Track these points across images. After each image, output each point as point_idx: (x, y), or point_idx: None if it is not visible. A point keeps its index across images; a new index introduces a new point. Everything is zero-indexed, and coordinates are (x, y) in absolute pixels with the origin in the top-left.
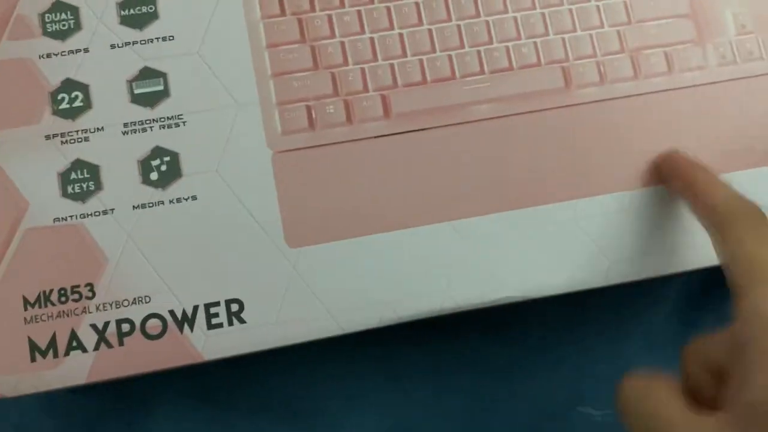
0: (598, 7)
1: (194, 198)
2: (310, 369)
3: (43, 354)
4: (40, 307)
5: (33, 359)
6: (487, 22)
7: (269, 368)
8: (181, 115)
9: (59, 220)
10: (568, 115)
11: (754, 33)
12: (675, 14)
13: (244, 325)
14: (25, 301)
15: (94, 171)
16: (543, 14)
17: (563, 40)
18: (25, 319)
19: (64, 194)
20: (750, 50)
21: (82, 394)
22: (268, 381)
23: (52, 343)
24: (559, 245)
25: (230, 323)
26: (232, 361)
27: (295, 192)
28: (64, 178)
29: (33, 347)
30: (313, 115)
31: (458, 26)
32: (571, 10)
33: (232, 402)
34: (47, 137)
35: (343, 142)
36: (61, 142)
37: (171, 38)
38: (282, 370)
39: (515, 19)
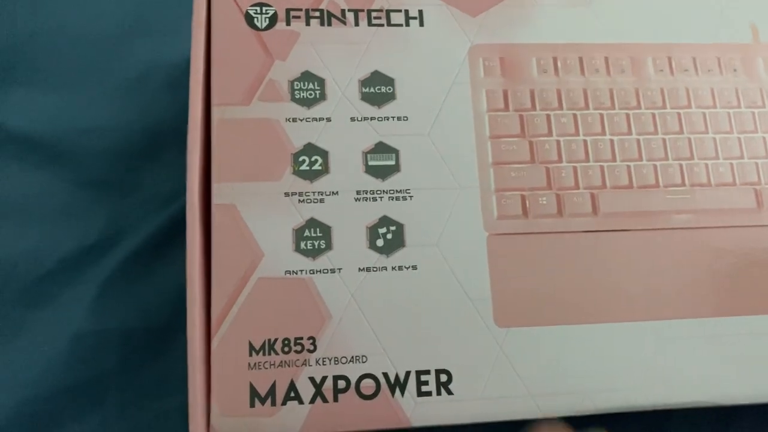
0: None
1: (414, 268)
2: None
3: (262, 401)
4: (264, 354)
5: (252, 404)
6: (689, 139)
7: None
8: (408, 189)
9: (290, 273)
10: (759, 234)
11: None
12: None
13: (451, 396)
14: (251, 347)
15: (326, 231)
16: (739, 138)
17: (756, 164)
18: (249, 364)
19: (297, 249)
20: None
21: None
22: None
23: (272, 391)
24: (751, 356)
25: (438, 393)
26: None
27: (506, 274)
28: (298, 235)
29: (253, 393)
30: (527, 205)
31: (663, 140)
32: (764, 138)
33: None
34: (286, 194)
35: (552, 232)
36: (299, 200)
37: (405, 119)
38: None
39: (714, 140)
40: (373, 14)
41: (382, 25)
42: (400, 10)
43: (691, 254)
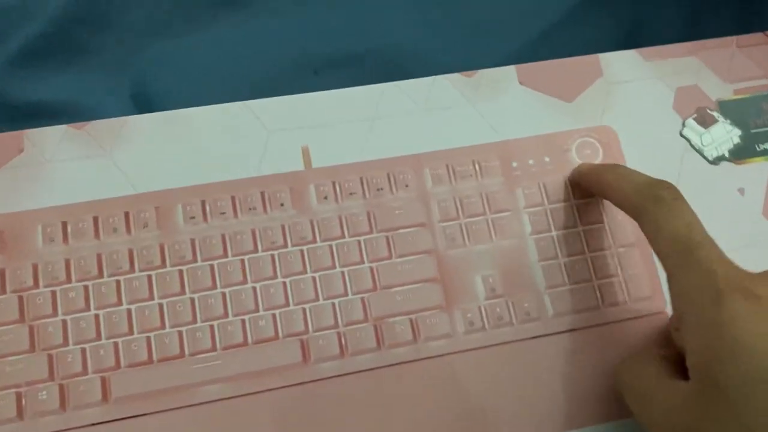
0: (343, 273)
1: None
2: None
3: None
4: None
5: None
6: (224, 294)
7: None
8: None
9: None
10: (306, 391)
11: (504, 296)
12: (423, 278)
13: None
14: None
15: None
16: (284, 283)
17: (304, 310)
18: None
19: None
20: (499, 315)
21: None
22: None
23: None
24: None
25: None
26: None
27: None
28: None
29: None
30: (23, 403)
31: (192, 299)
32: (314, 278)
33: None
34: None
35: None
36: None
37: None
38: None
39: (254, 289)
40: None
41: None
42: None
43: (227, 431)
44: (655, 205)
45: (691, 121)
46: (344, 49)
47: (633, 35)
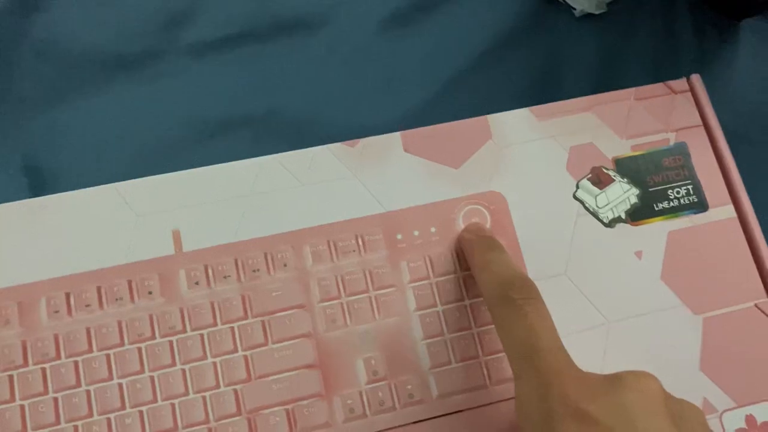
0: (215, 364)
1: None
2: None
3: None
4: None
5: None
6: (89, 392)
7: None
8: None
9: None
10: None
11: (386, 379)
12: (301, 365)
13: None
14: None
15: None
16: (152, 377)
17: (173, 405)
18: None
19: None
20: (381, 399)
21: None
22: None
23: None
24: None
25: None
26: None
27: None
28: None
29: None
30: None
31: (55, 399)
32: (184, 371)
33: None
34: None
35: None
36: None
37: None
38: None
39: (120, 385)
40: None
41: None
42: None
43: None
44: (503, 307)
45: (585, 182)
46: (240, 112)
47: (532, 91)
